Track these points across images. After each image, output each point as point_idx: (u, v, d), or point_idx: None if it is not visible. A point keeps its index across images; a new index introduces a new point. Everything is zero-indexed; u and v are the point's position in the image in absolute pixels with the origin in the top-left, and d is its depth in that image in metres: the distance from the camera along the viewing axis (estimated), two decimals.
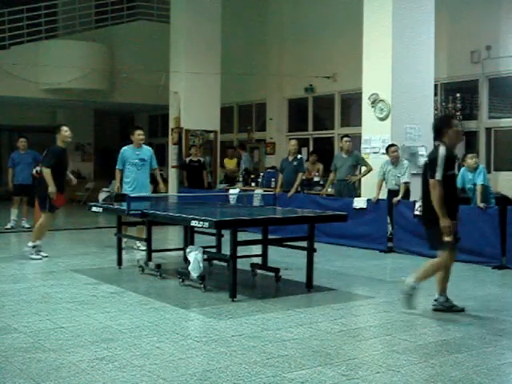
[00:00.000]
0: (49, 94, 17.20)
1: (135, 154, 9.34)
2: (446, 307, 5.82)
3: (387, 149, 10.13)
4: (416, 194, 9.89)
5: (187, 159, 14.55)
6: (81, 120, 21.03)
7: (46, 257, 8.74)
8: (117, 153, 9.71)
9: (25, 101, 18.01)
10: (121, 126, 23.07)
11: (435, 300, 5.88)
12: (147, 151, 9.49)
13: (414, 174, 10.20)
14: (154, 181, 10.09)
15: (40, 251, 8.76)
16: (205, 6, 15.33)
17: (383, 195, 10.17)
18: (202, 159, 14.31)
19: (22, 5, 17.26)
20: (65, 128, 8.83)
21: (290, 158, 11.69)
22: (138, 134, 9.34)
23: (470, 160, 8.96)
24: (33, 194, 12.51)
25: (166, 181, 14.15)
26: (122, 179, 9.47)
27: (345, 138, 11.16)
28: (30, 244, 8.73)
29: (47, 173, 8.47)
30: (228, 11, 16.07)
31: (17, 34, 16.93)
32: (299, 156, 11.78)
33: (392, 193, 10.02)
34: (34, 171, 12.57)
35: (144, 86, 17.10)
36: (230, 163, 15.29)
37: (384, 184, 10.21)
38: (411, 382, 4.01)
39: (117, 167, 9.48)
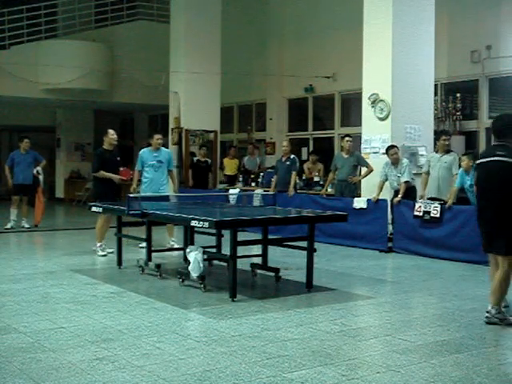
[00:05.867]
0: (49, 94, 17.19)
1: (153, 156, 9.74)
2: (499, 319, 5.41)
3: (387, 151, 10.11)
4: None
5: (195, 159, 14.62)
6: (81, 120, 21.05)
7: (111, 252, 9.06)
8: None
9: (25, 101, 18.00)
10: (121, 125, 23.07)
11: (487, 312, 5.47)
12: (165, 153, 9.93)
13: (413, 174, 10.19)
14: None
15: (105, 248, 9.27)
16: (205, 6, 15.33)
17: (384, 195, 10.16)
18: (209, 160, 14.40)
19: (21, 5, 17.25)
20: (111, 132, 9.60)
21: (284, 159, 11.88)
22: (157, 139, 9.77)
23: (463, 162, 8.94)
24: (33, 193, 12.61)
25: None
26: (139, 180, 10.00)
27: (346, 138, 11.15)
28: (98, 244, 9.26)
29: (101, 174, 9.27)
30: (228, 11, 16.07)
31: (17, 33, 16.91)
32: (292, 156, 11.87)
33: (396, 193, 9.99)
34: (35, 171, 12.60)
35: (144, 86, 17.10)
36: (230, 164, 15.21)
37: (388, 185, 10.19)
38: (411, 382, 4.01)
39: (136, 168, 9.95)
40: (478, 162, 5.69)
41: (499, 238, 5.43)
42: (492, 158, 5.49)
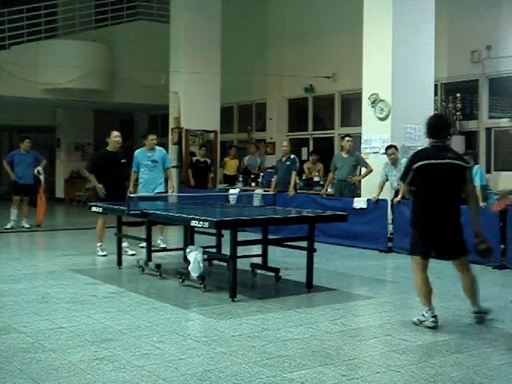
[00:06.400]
0: (49, 94, 17.19)
1: (147, 156, 9.76)
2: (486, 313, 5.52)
3: (385, 151, 10.13)
4: None
5: (194, 158, 14.60)
6: (81, 120, 21.05)
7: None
8: None
9: (25, 101, 17.99)
10: (121, 126, 23.07)
11: (475, 313, 5.55)
12: (160, 152, 9.92)
13: None
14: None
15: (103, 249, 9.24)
16: (205, 5, 15.34)
17: (384, 195, 10.16)
18: (208, 160, 14.39)
19: (22, 5, 17.25)
20: (114, 133, 9.53)
21: (284, 159, 11.92)
22: (151, 139, 9.80)
23: None
24: (34, 193, 12.61)
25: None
26: (137, 180, 9.97)
27: (346, 138, 11.17)
28: (98, 244, 9.24)
29: (90, 177, 9.49)
30: (228, 11, 16.07)
31: (17, 33, 16.92)
32: (292, 156, 11.89)
33: (397, 193, 9.98)
34: (36, 171, 12.61)
35: (144, 86, 17.09)
36: (230, 164, 15.20)
37: (389, 185, 10.19)
38: (411, 382, 4.02)
39: (132, 169, 9.89)
40: (421, 163, 5.41)
41: (453, 241, 5.47)
42: (442, 161, 5.42)
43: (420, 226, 5.52)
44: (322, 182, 12.50)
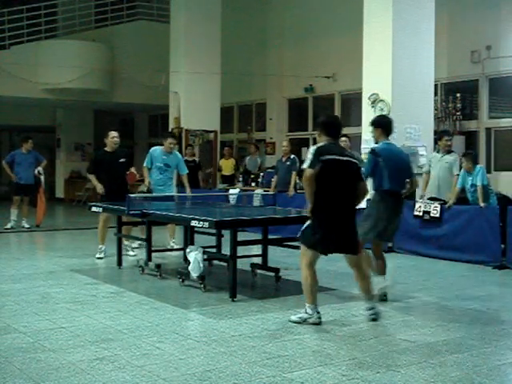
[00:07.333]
0: (49, 93, 17.19)
1: (161, 158, 9.64)
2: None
3: None
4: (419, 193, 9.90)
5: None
6: (81, 120, 21.05)
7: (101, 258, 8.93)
8: None
9: (25, 101, 18.00)
10: (121, 125, 23.08)
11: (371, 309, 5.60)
12: (175, 158, 9.80)
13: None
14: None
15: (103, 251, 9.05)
16: (205, 5, 15.36)
17: None
18: (197, 159, 14.36)
19: (21, 5, 17.26)
20: (112, 133, 9.43)
21: (284, 159, 11.96)
22: (170, 143, 9.68)
23: (464, 162, 9.01)
24: (35, 193, 12.62)
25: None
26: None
27: (342, 138, 11.11)
28: (99, 247, 9.03)
29: (90, 178, 9.41)
30: (228, 11, 16.08)
31: (17, 33, 16.92)
32: (292, 156, 11.91)
33: None
34: (36, 171, 12.61)
35: (144, 86, 17.09)
36: (227, 164, 15.14)
37: None
38: (411, 382, 4.01)
39: (144, 165, 9.71)
40: (328, 157, 5.42)
41: (353, 237, 5.53)
42: (346, 158, 5.53)
43: (325, 222, 5.44)
44: None
